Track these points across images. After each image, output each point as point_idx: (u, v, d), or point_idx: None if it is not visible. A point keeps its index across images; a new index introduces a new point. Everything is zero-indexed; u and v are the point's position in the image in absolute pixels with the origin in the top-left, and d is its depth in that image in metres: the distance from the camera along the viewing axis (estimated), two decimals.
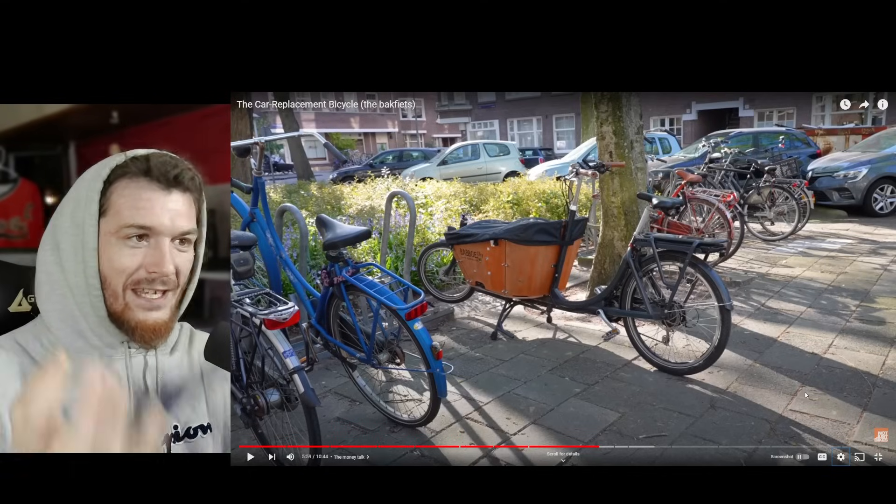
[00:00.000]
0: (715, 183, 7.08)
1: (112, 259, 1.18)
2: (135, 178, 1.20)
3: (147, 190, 1.20)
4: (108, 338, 1.22)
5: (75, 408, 1.18)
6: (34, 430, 1.15)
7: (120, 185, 1.19)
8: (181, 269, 1.23)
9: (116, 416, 1.21)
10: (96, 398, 1.20)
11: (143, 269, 1.18)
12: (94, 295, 1.18)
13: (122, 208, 1.18)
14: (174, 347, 1.35)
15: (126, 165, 1.20)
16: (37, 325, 1.24)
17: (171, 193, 1.21)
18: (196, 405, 1.35)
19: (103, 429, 1.20)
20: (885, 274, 4.91)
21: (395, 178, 9.57)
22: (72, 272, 1.18)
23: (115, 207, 1.18)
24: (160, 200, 1.20)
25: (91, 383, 1.20)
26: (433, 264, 4.70)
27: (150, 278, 1.19)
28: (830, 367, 3.05)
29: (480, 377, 3.12)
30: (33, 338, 1.22)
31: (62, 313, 1.19)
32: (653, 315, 3.08)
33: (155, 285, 1.20)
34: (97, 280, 1.18)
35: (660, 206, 3.41)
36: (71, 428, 1.17)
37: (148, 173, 1.20)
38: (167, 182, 1.21)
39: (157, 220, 1.19)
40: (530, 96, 24.74)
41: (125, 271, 1.18)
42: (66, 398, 1.18)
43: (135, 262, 1.18)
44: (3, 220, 2.09)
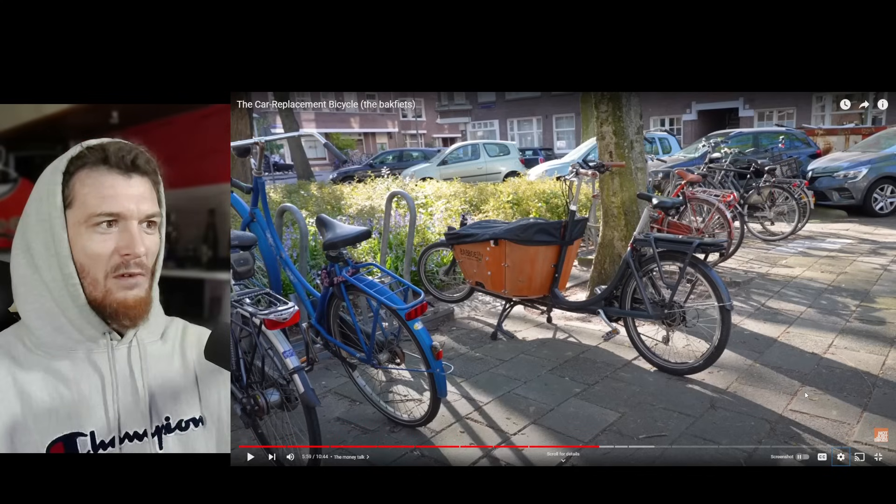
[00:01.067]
0: (715, 183, 7.08)
1: (86, 247, 1.20)
2: (94, 167, 1.21)
3: (108, 177, 1.21)
4: (90, 330, 1.23)
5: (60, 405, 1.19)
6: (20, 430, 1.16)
7: (81, 176, 1.21)
8: (150, 250, 1.25)
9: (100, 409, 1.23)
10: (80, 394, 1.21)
11: (116, 253, 1.20)
12: (71, 284, 1.19)
13: (88, 198, 1.20)
14: (163, 337, 1.36)
15: (83, 156, 1.22)
16: (19, 328, 1.25)
17: (131, 178, 1.23)
18: (188, 398, 1.36)
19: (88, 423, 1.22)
20: (885, 274, 4.91)
21: (395, 178, 9.56)
22: (45, 268, 1.19)
23: (80, 198, 1.20)
24: (122, 186, 1.22)
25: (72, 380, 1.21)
26: (433, 264, 4.70)
27: (125, 262, 1.21)
28: (830, 367, 3.05)
29: (480, 377, 3.12)
30: (16, 339, 1.23)
31: (40, 311, 1.21)
32: (653, 315, 3.08)
33: (130, 268, 1.22)
34: (72, 269, 1.19)
35: (660, 206, 3.41)
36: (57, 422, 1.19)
37: (106, 161, 1.22)
38: (126, 167, 1.23)
39: (123, 205, 1.21)
40: (530, 96, 24.74)
41: (101, 257, 1.20)
42: (49, 396, 1.19)
43: (108, 248, 1.20)
44: (3, 219, 2.09)
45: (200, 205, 2.61)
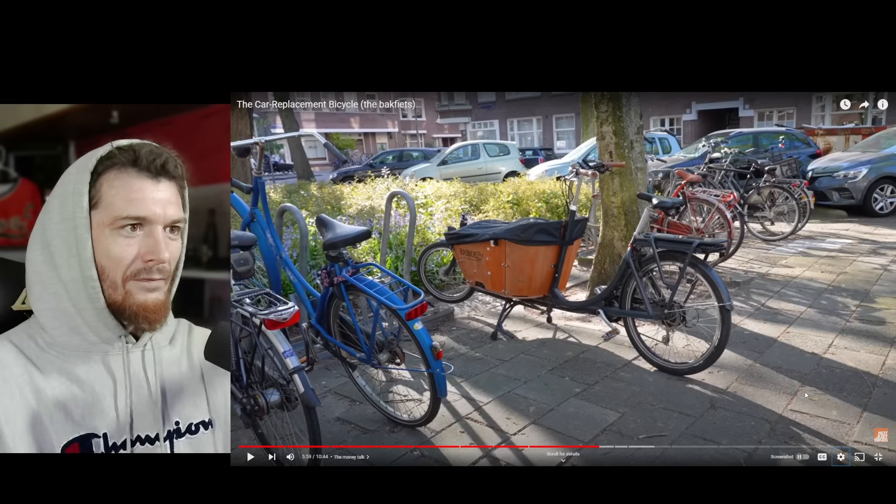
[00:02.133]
0: (715, 183, 7.08)
1: (109, 250, 1.17)
2: (123, 168, 1.19)
3: (137, 180, 1.19)
4: (105, 332, 1.20)
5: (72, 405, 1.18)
6: (31, 429, 1.14)
7: (109, 177, 1.18)
8: (173, 256, 1.23)
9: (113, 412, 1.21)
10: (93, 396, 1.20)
11: (139, 259, 1.18)
12: (90, 286, 1.17)
13: (115, 200, 1.17)
14: (172, 341, 1.34)
15: (113, 156, 1.19)
16: (31, 325, 1.22)
17: (159, 182, 1.21)
18: (197, 401, 1.35)
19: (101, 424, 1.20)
20: (885, 274, 4.91)
21: (395, 178, 9.56)
22: (64, 268, 1.16)
23: (106, 199, 1.17)
24: (150, 190, 1.19)
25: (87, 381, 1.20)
26: (433, 264, 4.70)
27: (147, 267, 1.19)
28: (830, 367, 3.05)
29: (480, 377, 3.12)
30: (28, 337, 1.21)
31: (56, 311, 1.18)
32: (653, 315, 3.08)
33: (152, 274, 1.20)
34: (93, 271, 1.16)
35: (660, 206, 3.41)
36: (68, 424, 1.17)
37: (136, 163, 1.19)
38: (155, 171, 1.20)
39: (150, 210, 1.18)
40: (530, 96, 24.73)
41: (123, 261, 1.17)
42: (63, 396, 1.17)
43: (131, 252, 1.18)
44: (3, 219, 2.09)
45: (200, 205, 2.62)
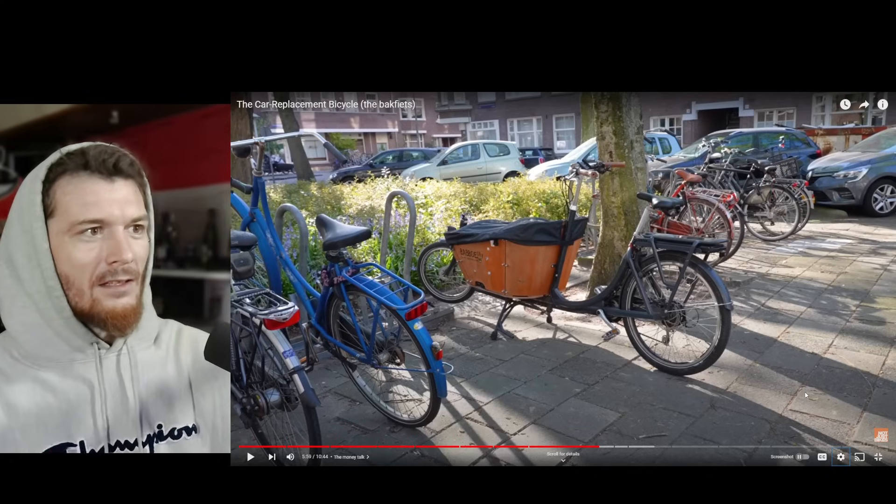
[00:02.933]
0: (715, 183, 7.08)
1: (71, 257, 1.16)
2: (75, 173, 1.18)
3: (90, 183, 1.18)
4: (77, 340, 1.20)
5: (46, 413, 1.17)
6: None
7: (62, 183, 1.17)
8: (138, 256, 1.22)
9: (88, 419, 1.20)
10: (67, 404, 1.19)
11: (102, 261, 1.17)
12: (55, 297, 1.16)
13: (70, 205, 1.16)
14: (157, 342, 1.33)
15: (63, 162, 1.18)
16: (5, 339, 1.22)
17: (114, 182, 1.20)
18: (182, 405, 1.33)
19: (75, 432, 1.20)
20: (885, 274, 4.91)
21: (395, 178, 9.56)
22: (28, 280, 1.16)
23: (62, 206, 1.17)
24: (105, 191, 1.18)
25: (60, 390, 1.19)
26: (433, 264, 4.70)
27: (113, 269, 1.18)
28: (830, 367, 3.05)
29: (480, 377, 3.12)
30: (2, 350, 1.21)
31: (25, 325, 1.18)
32: (653, 315, 3.08)
33: (118, 276, 1.18)
34: (56, 281, 1.16)
35: (660, 206, 3.41)
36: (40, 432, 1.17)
37: (87, 166, 1.18)
38: (108, 171, 1.19)
39: (107, 211, 1.17)
40: (530, 96, 24.73)
41: (87, 267, 1.17)
42: (37, 407, 1.17)
43: (93, 256, 1.17)
44: (3, 219, 2.09)
45: (200, 205, 2.62)
